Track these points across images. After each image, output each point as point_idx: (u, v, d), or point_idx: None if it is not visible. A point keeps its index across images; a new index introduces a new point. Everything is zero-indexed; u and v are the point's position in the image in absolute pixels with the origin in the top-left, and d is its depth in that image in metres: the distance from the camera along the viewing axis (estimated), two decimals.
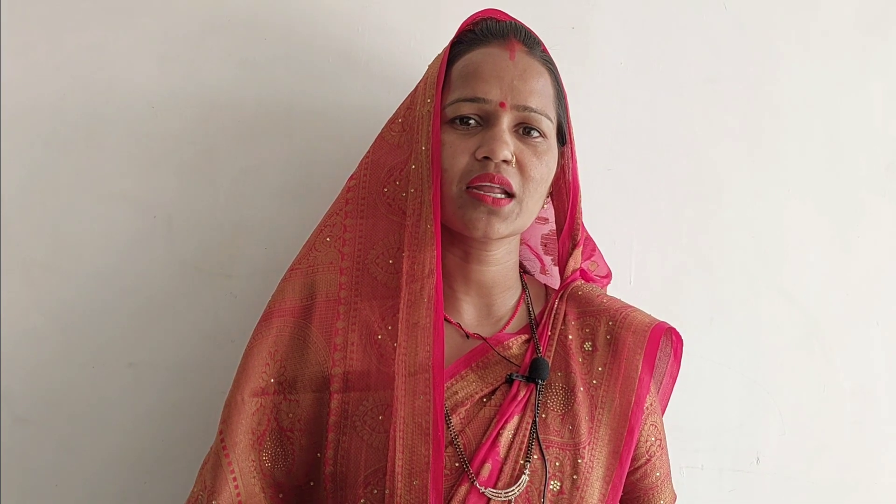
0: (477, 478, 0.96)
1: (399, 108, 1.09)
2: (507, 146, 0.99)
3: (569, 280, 1.11)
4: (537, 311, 1.11)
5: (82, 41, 1.27)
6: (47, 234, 1.25)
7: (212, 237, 1.27)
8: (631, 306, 1.10)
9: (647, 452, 1.07)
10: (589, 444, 1.01)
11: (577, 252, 1.12)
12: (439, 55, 1.08)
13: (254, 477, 1.00)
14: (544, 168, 1.03)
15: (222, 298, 1.27)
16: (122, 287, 1.26)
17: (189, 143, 1.28)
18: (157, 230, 1.27)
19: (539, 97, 1.02)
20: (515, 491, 0.97)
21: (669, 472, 1.11)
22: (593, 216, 1.16)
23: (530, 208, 1.03)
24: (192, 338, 1.26)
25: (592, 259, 1.17)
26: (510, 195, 1.00)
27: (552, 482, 0.99)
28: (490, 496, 0.96)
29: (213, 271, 1.27)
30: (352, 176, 1.08)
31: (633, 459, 1.06)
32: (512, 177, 0.99)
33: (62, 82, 1.27)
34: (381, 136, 1.09)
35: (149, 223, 1.27)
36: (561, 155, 1.09)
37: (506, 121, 1.00)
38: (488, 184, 0.98)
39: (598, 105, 1.30)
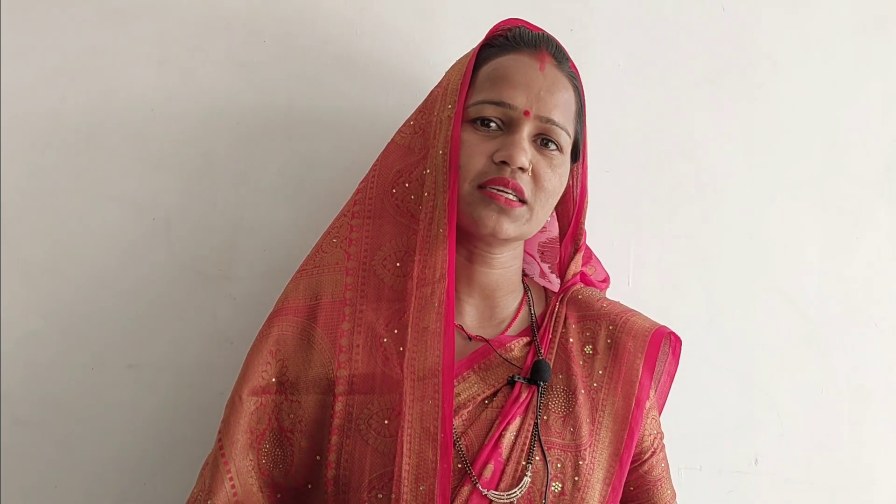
0: (479, 480, 0.96)
1: (413, 112, 1.09)
2: (526, 154, 0.99)
3: (569, 283, 1.12)
4: (538, 313, 1.11)
5: (82, 44, 1.28)
6: (47, 236, 1.25)
7: (211, 239, 1.27)
8: (631, 310, 1.11)
9: (653, 446, 1.09)
10: (590, 445, 1.02)
11: (579, 256, 1.13)
12: (461, 60, 1.08)
13: (251, 476, 0.99)
14: (557, 181, 1.03)
15: (221, 300, 1.27)
16: (122, 289, 1.26)
17: (188, 146, 1.28)
18: (156, 232, 1.27)
19: (562, 111, 1.03)
20: (518, 493, 0.97)
21: (669, 467, 1.12)
22: (592, 218, 1.16)
23: (539, 217, 1.03)
24: (191, 339, 1.26)
25: (590, 265, 1.18)
26: (522, 201, 1.00)
27: (554, 483, 0.99)
28: (492, 498, 0.96)
29: (211, 273, 1.27)
30: (362, 180, 1.08)
31: (640, 454, 1.07)
32: (526, 184, 1.00)
33: (62, 85, 1.27)
34: (392, 141, 1.09)
35: (148, 225, 1.27)
36: (572, 171, 1.10)
37: (527, 129, 1.00)
38: (502, 187, 0.99)
39: (596, 107, 1.28)
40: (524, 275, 1.18)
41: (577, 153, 1.10)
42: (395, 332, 1.01)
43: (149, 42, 1.29)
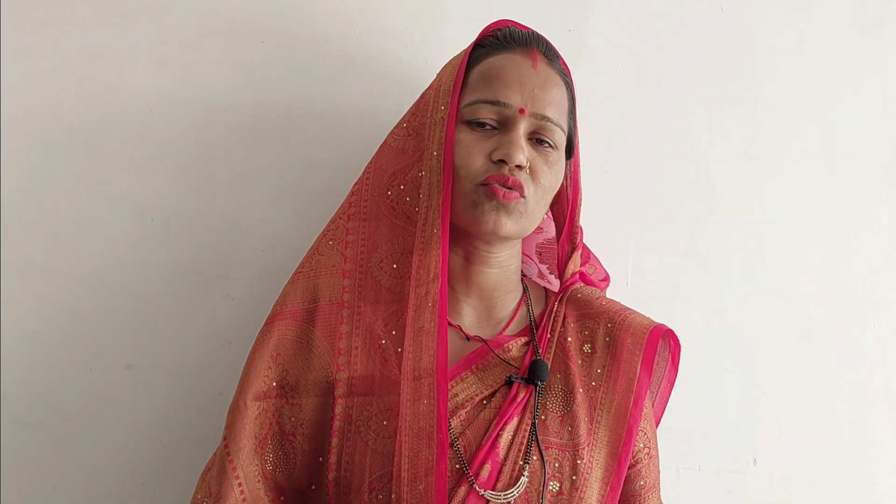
0: (476, 479, 0.96)
1: (405, 114, 1.09)
2: (524, 151, 1.00)
3: (568, 283, 1.12)
4: (537, 313, 1.11)
5: (81, 45, 1.28)
6: (46, 236, 1.26)
7: (209, 240, 1.27)
8: (630, 309, 1.10)
9: (633, 457, 1.07)
10: (588, 445, 1.01)
11: (577, 255, 1.13)
12: (452, 61, 1.08)
13: (258, 481, 0.99)
14: (553, 177, 1.04)
15: (220, 301, 1.27)
16: (121, 289, 1.26)
17: (187, 147, 1.28)
18: (154, 233, 1.27)
19: (556, 108, 1.03)
20: (515, 493, 0.96)
21: (657, 484, 1.10)
22: (590, 218, 1.16)
23: (536, 213, 1.04)
24: (189, 340, 1.26)
25: (589, 263, 1.18)
26: (521, 195, 1.00)
27: (551, 483, 0.99)
28: (489, 498, 0.96)
29: (210, 274, 1.27)
30: (356, 182, 1.08)
31: None
32: (525, 181, 1.00)
33: (61, 86, 1.27)
34: (385, 143, 1.09)
35: (147, 226, 1.27)
36: (565, 167, 1.10)
37: (523, 127, 1.01)
38: (502, 183, 0.99)
39: (594, 107, 1.30)
40: (523, 275, 1.18)
41: (570, 150, 1.10)
42: (394, 333, 1.01)
43: (148, 42, 1.29)
